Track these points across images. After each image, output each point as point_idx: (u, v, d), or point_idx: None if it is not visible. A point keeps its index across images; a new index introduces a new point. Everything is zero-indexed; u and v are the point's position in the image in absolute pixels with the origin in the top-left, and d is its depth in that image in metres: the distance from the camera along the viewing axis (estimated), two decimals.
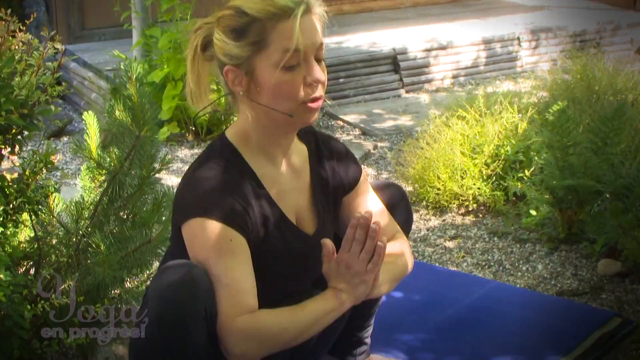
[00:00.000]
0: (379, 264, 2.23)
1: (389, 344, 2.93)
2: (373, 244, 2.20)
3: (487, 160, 5.31)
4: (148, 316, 2.09)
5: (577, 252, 4.67)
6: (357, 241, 2.21)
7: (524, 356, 2.87)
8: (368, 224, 2.20)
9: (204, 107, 2.32)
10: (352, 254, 2.22)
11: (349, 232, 2.22)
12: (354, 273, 2.23)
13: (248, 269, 2.17)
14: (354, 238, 2.21)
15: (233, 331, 2.09)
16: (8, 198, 3.10)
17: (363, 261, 2.22)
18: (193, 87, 2.30)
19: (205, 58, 2.30)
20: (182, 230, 2.18)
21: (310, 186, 2.39)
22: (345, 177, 2.46)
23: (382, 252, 2.21)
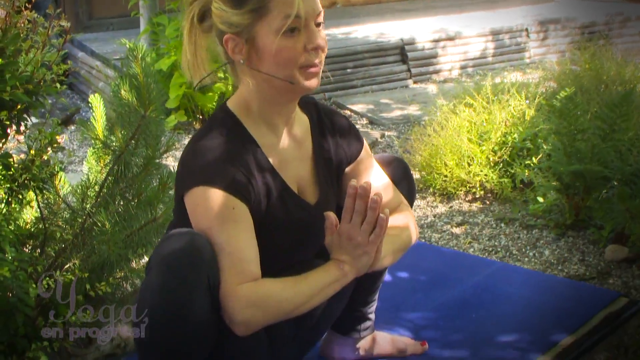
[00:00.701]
0: (381, 236, 2.22)
1: (394, 322, 2.93)
2: (374, 215, 2.19)
3: (494, 147, 5.30)
4: (150, 283, 2.09)
5: (585, 238, 4.64)
6: (357, 212, 2.20)
7: (529, 334, 2.85)
8: (367, 194, 2.19)
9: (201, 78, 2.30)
10: (353, 226, 2.21)
11: (347, 201, 2.20)
12: (356, 245, 2.23)
13: (250, 237, 2.16)
14: (354, 208, 2.20)
15: (236, 299, 2.08)
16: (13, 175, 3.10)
17: (365, 233, 2.21)
18: (190, 57, 2.29)
19: (203, 29, 2.29)
20: (184, 199, 2.17)
21: (312, 156, 2.38)
22: (348, 151, 2.45)
23: (384, 224, 2.20)
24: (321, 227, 2.26)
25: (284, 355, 2.49)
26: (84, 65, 7.85)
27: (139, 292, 2.18)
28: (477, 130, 5.40)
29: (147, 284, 2.11)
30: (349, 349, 2.71)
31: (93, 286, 3.19)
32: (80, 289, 3.21)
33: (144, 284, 2.14)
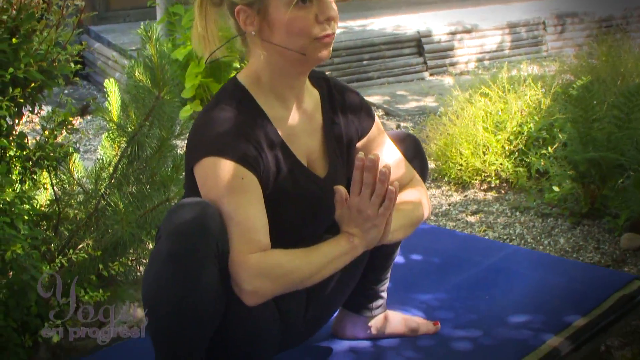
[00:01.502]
0: (391, 209, 2.21)
1: (407, 302, 2.91)
2: (383, 187, 2.18)
3: (509, 136, 5.28)
4: (159, 251, 2.08)
5: (600, 227, 4.63)
6: (366, 185, 2.18)
7: (542, 315, 2.83)
8: (376, 166, 2.17)
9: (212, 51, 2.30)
10: (362, 199, 2.20)
11: (355, 173, 2.19)
12: (366, 217, 2.21)
13: (260, 207, 2.15)
14: (362, 181, 2.19)
15: (245, 268, 2.08)
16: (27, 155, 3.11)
17: (374, 205, 2.20)
18: (201, 30, 2.28)
19: (214, 2, 2.28)
20: (194, 171, 2.17)
21: (322, 130, 2.37)
22: (359, 126, 2.43)
23: (392, 196, 2.18)
24: (331, 201, 2.25)
25: (295, 332, 2.48)
26: (100, 56, 7.88)
27: (148, 260, 2.18)
28: (492, 119, 5.39)
29: (156, 252, 2.10)
30: (361, 328, 2.69)
31: (106, 266, 3.20)
32: (93, 269, 3.22)
33: (153, 253, 2.13)
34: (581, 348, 2.75)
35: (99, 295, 3.13)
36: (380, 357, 2.63)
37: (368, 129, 2.46)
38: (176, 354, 2.15)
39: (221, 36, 2.34)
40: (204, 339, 2.16)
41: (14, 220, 2.89)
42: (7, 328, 2.91)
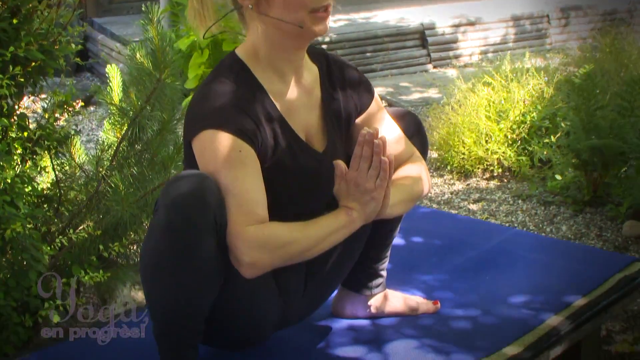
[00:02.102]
0: (387, 180, 2.20)
1: (407, 283, 2.90)
2: (379, 159, 2.17)
3: (512, 125, 5.28)
4: (157, 223, 2.08)
5: (602, 215, 4.62)
6: (364, 158, 2.18)
7: (542, 296, 2.83)
8: (373, 140, 2.17)
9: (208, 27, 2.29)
10: (360, 172, 2.19)
11: (356, 149, 2.19)
12: (363, 191, 2.21)
13: (258, 180, 2.15)
14: (361, 155, 2.18)
15: (243, 239, 2.08)
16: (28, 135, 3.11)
17: (371, 178, 2.19)
18: (197, 5, 2.28)
19: None
20: (192, 144, 2.17)
21: (320, 105, 2.36)
22: (359, 102, 2.43)
23: (387, 167, 2.18)
24: (329, 176, 2.24)
25: (294, 309, 2.48)
26: (103, 48, 7.88)
27: (146, 233, 2.18)
28: (495, 108, 5.39)
29: (154, 224, 2.10)
30: (361, 307, 2.69)
31: (106, 247, 3.20)
32: (93, 250, 3.22)
33: (150, 225, 2.13)
34: (581, 328, 2.74)
35: (99, 276, 3.13)
36: (380, 336, 2.62)
37: (367, 105, 2.45)
38: (174, 326, 2.15)
39: (217, 11, 2.33)
40: (201, 311, 2.16)
41: (14, 199, 2.89)
42: (7, 307, 2.92)
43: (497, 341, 2.56)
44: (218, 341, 2.40)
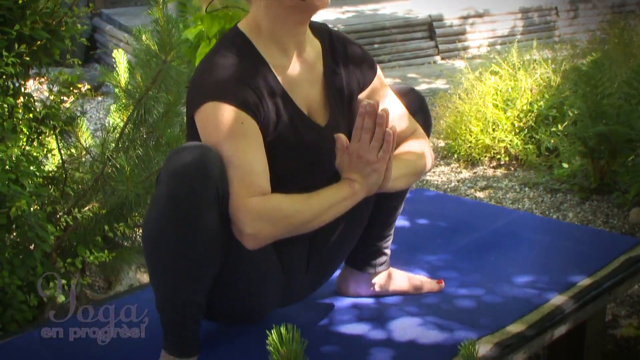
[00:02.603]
0: (389, 152, 2.20)
1: (412, 263, 2.90)
2: (382, 131, 2.17)
3: (519, 114, 5.27)
4: (159, 194, 2.08)
5: (609, 202, 4.62)
6: (366, 129, 2.18)
7: (547, 276, 2.82)
8: (375, 111, 2.16)
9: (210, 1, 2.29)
10: (362, 143, 2.19)
11: (357, 120, 2.19)
12: (365, 162, 2.20)
13: (260, 152, 2.14)
14: (363, 127, 2.18)
15: (245, 211, 2.07)
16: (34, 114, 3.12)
17: (373, 149, 2.19)
18: None
19: None
20: (195, 118, 2.16)
21: (322, 80, 2.36)
22: (361, 78, 2.42)
23: (390, 139, 2.18)
24: (331, 151, 2.24)
25: (297, 286, 2.47)
26: (112, 39, 7.90)
27: (149, 204, 2.17)
28: (502, 97, 5.38)
29: (157, 195, 2.10)
30: (364, 285, 2.68)
31: (112, 227, 3.21)
32: (99, 230, 3.23)
33: (153, 196, 2.13)
34: (585, 308, 2.73)
35: (104, 255, 3.14)
36: (383, 314, 2.61)
37: (370, 81, 2.44)
38: (176, 298, 2.14)
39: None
40: (204, 283, 2.16)
41: (19, 177, 2.90)
42: (12, 286, 2.92)
43: (501, 319, 2.55)
44: (220, 316, 2.40)
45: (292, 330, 1.26)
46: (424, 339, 2.46)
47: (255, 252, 2.20)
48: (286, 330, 1.24)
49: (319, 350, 2.41)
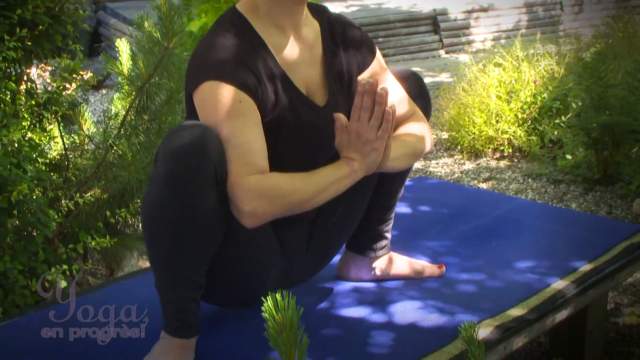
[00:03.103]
0: (389, 131, 2.19)
1: (413, 249, 2.89)
2: (381, 110, 2.17)
3: (523, 105, 5.27)
4: (157, 173, 2.07)
5: (612, 193, 4.61)
6: (365, 108, 2.17)
7: (548, 261, 2.82)
8: (374, 90, 2.16)
9: None
10: (361, 122, 2.18)
11: (356, 99, 2.18)
12: (365, 141, 2.19)
13: (258, 131, 2.13)
14: (362, 105, 2.17)
15: (243, 189, 2.06)
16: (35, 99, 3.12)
17: (372, 128, 2.18)
18: None
19: None
20: (193, 97, 2.16)
21: (322, 60, 2.35)
22: (361, 60, 2.41)
23: (390, 117, 2.17)
24: (331, 131, 2.23)
25: (297, 269, 2.47)
26: (116, 32, 7.90)
27: (147, 183, 2.17)
28: (505, 88, 5.38)
29: (155, 174, 2.09)
30: (365, 269, 2.68)
31: (113, 213, 3.21)
32: (100, 217, 3.23)
33: (151, 176, 2.12)
34: (587, 293, 2.73)
35: (105, 241, 3.14)
36: (384, 297, 2.61)
37: (369, 63, 2.44)
38: (175, 277, 2.14)
39: None
40: (203, 262, 2.15)
41: (20, 162, 2.90)
42: (14, 270, 2.93)
43: (502, 303, 2.55)
44: (219, 298, 2.40)
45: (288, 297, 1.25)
46: (425, 322, 2.46)
47: (255, 233, 2.20)
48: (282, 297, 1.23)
49: (320, 333, 2.40)
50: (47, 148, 3.47)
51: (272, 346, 1.29)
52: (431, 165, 5.20)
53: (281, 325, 1.24)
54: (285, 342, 1.25)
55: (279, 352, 1.28)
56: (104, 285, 2.80)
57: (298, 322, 1.28)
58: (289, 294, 1.30)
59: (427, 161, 5.30)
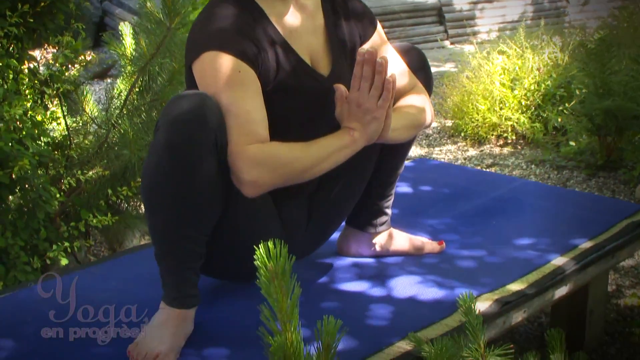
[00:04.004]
0: (389, 100, 2.20)
1: (413, 226, 2.89)
2: (381, 79, 2.17)
3: (526, 92, 5.27)
4: (158, 142, 2.07)
5: (615, 178, 4.61)
6: (365, 78, 2.17)
7: (548, 239, 2.81)
8: (374, 59, 2.16)
9: None
10: (361, 92, 2.18)
11: (356, 69, 2.18)
12: (365, 110, 2.19)
13: (258, 101, 2.14)
14: (362, 75, 2.17)
15: (243, 158, 2.06)
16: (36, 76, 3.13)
17: (373, 97, 2.18)
18: None
19: None
20: (193, 68, 2.16)
21: (324, 29, 2.36)
22: (362, 32, 2.42)
23: (390, 86, 2.17)
24: (333, 100, 2.23)
25: (298, 243, 2.46)
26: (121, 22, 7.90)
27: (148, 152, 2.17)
28: (509, 76, 5.38)
29: (155, 143, 2.09)
30: (365, 245, 2.68)
31: (115, 191, 3.22)
32: (102, 195, 3.24)
33: (151, 145, 2.12)
34: (587, 269, 2.73)
35: (107, 219, 3.15)
36: (384, 272, 2.61)
37: (370, 35, 2.44)
38: (174, 246, 2.14)
39: None
40: (202, 231, 2.15)
41: (22, 138, 2.91)
42: (15, 247, 2.94)
43: (501, 278, 2.55)
44: (219, 271, 2.40)
45: (280, 246, 1.25)
46: (424, 295, 2.46)
47: (255, 205, 2.20)
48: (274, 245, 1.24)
49: (319, 306, 2.41)
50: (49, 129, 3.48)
51: (264, 294, 1.30)
52: (434, 152, 5.20)
53: (273, 273, 1.24)
54: (277, 290, 1.26)
55: (271, 300, 1.28)
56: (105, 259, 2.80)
57: (290, 270, 1.29)
58: (281, 243, 1.30)
59: (431, 148, 5.30)
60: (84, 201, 3.22)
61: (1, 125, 2.85)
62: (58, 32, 3.21)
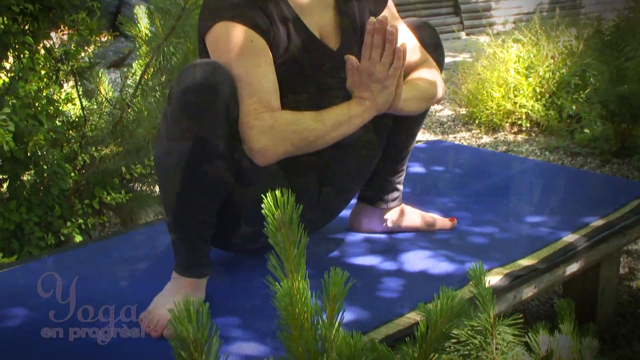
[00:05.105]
0: (400, 68, 2.21)
1: (426, 204, 2.90)
2: (392, 47, 2.17)
3: (541, 80, 5.26)
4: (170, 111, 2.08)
5: (630, 165, 4.60)
6: (375, 47, 2.18)
7: (560, 217, 2.82)
8: (384, 28, 2.16)
9: None
10: (372, 61, 2.19)
11: (366, 38, 2.19)
12: (376, 79, 2.20)
13: (270, 71, 2.15)
14: (372, 44, 2.18)
15: (254, 127, 2.08)
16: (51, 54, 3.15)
17: (384, 66, 2.18)
18: None
19: None
20: (206, 39, 2.18)
21: (334, 5, 2.36)
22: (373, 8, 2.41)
23: (401, 55, 2.18)
24: (343, 74, 2.24)
25: (309, 216, 2.47)
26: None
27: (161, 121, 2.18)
28: (524, 63, 5.37)
29: (167, 112, 2.10)
30: (377, 221, 2.69)
31: (129, 169, 3.24)
32: (116, 172, 3.26)
33: (164, 114, 2.13)
34: (598, 247, 2.73)
35: (121, 197, 3.17)
36: (395, 247, 2.62)
37: (380, 11, 2.45)
38: (186, 215, 2.15)
39: None
40: (214, 201, 2.16)
41: (37, 114, 2.93)
42: (30, 222, 2.96)
43: (512, 253, 2.56)
44: (229, 243, 2.41)
45: (287, 195, 1.26)
46: (435, 269, 2.47)
47: (266, 177, 2.21)
48: (282, 194, 1.25)
49: None
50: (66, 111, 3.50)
51: (270, 242, 1.31)
52: (448, 139, 5.20)
53: (280, 221, 1.25)
54: (284, 238, 1.27)
55: (278, 249, 1.29)
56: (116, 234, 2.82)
57: (298, 220, 1.30)
58: (288, 192, 1.31)
59: (445, 135, 5.31)
60: (98, 179, 3.24)
61: (16, 101, 2.87)
62: (73, 11, 3.22)
